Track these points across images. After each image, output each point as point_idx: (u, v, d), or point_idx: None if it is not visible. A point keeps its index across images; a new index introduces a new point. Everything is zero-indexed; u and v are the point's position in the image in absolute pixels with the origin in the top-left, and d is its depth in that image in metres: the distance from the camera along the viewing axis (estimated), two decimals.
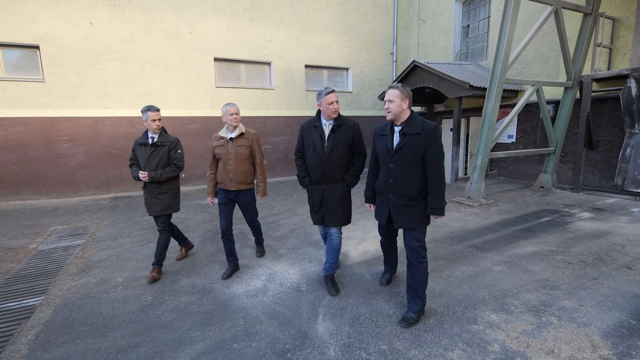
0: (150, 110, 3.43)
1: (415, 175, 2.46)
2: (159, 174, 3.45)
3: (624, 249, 3.82)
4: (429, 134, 2.39)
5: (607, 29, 6.33)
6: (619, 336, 2.33)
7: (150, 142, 3.50)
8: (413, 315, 2.53)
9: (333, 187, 2.98)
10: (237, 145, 3.38)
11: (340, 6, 10.06)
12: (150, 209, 3.54)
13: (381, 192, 2.68)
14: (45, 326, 2.78)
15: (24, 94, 7.27)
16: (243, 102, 9.23)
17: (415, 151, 2.41)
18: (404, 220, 2.54)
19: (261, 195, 3.53)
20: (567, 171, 7.21)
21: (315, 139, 2.95)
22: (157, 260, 3.56)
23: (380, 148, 2.63)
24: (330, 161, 2.91)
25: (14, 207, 7.13)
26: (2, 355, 2.42)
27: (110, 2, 7.65)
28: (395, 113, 2.45)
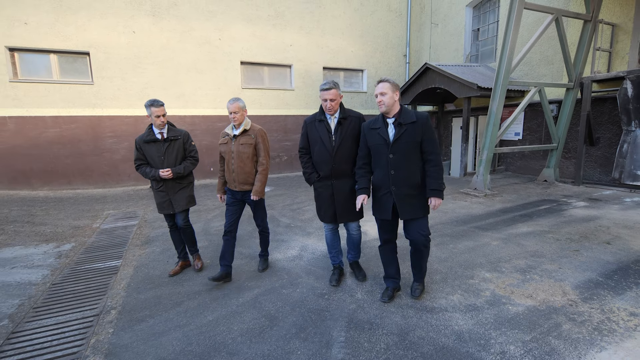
0: (153, 105, 3.21)
1: (417, 163, 2.53)
2: (182, 169, 3.35)
3: (608, 229, 4.39)
4: (424, 122, 2.50)
5: (606, 34, 6.83)
6: (586, 288, 2.95)
7: (161, 137, 3.32)
8: (417, 285, 2.89)
9: (343, 182, 2.91)
10: (239, 143, 3.20)
11: (356, 12, 10.71)
12: (177, 204, 3.43)
13: (381, 185, 2.64)
14: (131, 279, 3.56)
15: (75, 95, 8.19)
16: (266, 101, 9.99)
17: (414, 139, 2.48)
18: (409, 211, 2.55)
19: (255, 195, 3.19)
20: (569, 166, 7.72)
21: (321, 133, 2.87)
22: (193, 249, 3.71)
23: (374, 141, 2.61)
24: (339, 154, 2.84)
25: (68, 195, 8.06)
26: (107, 295, 3.21)
27: (150, 12, 8.50)
28: (388, 105, 2.50)
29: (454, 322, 2.52)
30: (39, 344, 2.49)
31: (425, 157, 2.53)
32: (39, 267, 3.99)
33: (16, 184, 8.04)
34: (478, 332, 2.39)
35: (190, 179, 3.54)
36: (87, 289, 3.36)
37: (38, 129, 8.01)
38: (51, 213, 6.52)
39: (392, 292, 2.87)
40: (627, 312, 2.56)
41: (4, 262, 4.13)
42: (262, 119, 9.99)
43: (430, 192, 2.51)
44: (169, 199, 3.41)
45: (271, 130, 10.16)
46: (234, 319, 2.70)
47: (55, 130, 8.13)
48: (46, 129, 8.07)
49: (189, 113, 9.23)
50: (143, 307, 2.97)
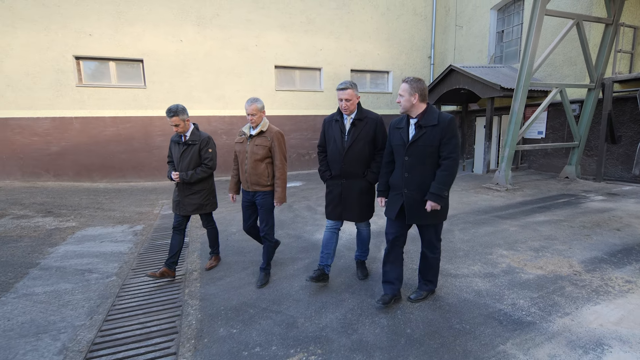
0: (167, 115, 3.24)
1: (432, 168, 2.45)
2: (189, 175, 3.33)
3: (620, 219, 4.79)
4: (446, 126, 2.39)
5: (628, 36, 7.08)
6: (591, 262, 3.44)
7: (183, 140, 3.38)
8: (422, 293, 2.80)
9: (353, 183, 2.93)
10: (254, 143, 3.18)
11: (383, 16, 11.25)
12: (182, 208, 3.44)
13: (395, 186, 2.63)
14: (201, 250, 4.31)
15: (130, 98, 9.19)
16: (297, 102, 10.71)
17: (432, 143, 2.40)
18: (418, 216, 2.50)
19: (278, 202, 3.21)
20: (592, 164, 7.98)
21: (335, 133, 2.90)
22: (214, 249, 3.77)
23: (395, 141, 2.59)
24: (349, 156, 2.86)
25: (123, 187, 9.06)
26: (186, 261, 3.96)
27: (195, 22, 9.39)
28: (404, 107, 2.46)
29: (474, 284, 3.09)
30: (146, 292, 3.25)
31: (440, 162, 2.44)
32: (122, 241, 4.83)
33: (79, 177, 9.12)
34: (494, 291, 2.95)
35: (204, 186, 3.47)
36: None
37: (98, 128, 9.06)
38: (114, 201, 7.47)
39: (388, 299, 2.69)
40: (624, 280, 3.05)
41: (93, 237, 5.01)
42: (294, 118, 10.71)
43: (429, 194, 2.44)
44: (179, 200, 3.45)
45: (301, 129, 10.87)
46: (292, 280, 3.37)
47: (113, 129, 9.15)
48: (105, 128, 9.10)
49: (228, 113, 10.07)
50: (217, 270, 3.70)
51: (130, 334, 2.60)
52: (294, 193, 7.83)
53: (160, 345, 2.44)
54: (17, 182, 8.66)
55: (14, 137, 8.51)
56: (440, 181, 2.41)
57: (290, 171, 10.85)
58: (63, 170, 8.95)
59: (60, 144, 8.82)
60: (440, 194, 2.41)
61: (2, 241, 4.76)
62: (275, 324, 2.63)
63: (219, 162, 7.60)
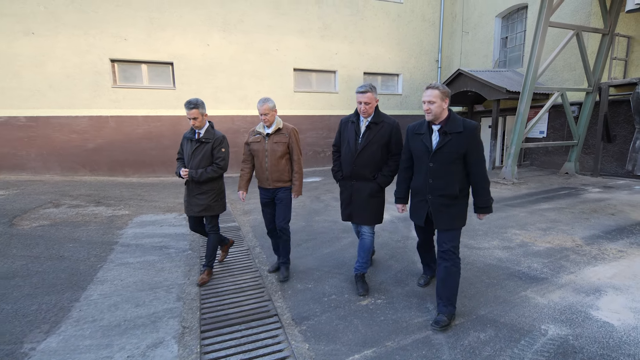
0: (187, 107, 3.16)
1: (457, 174, 2.45)
2: (198, 174, 3.24)
3: (615, 206, 5.51)
4: (471, 133, 2.39)
5: (622, 45, 7.81)
6: (590, 238, 4.15)
7: (196, 137, 3.30)
8: (445, 318, 2.49)
9: (363, 185, 2.94)
10: (273, 141, 3.24)
11: (394, 22, 11.95)
12: (189, 208, 3.38)
13: (418, 192, 2.63)
14: (254, 232, 4.99)
15: (161, 98, 9.83)
16: (314, 103, 11.39)
17: (458, 150, 2.39)
18: (444, 221, 2.51)
19: (295, 194, 3.33)
20: (588, 160, 8.71)
21: (350, 134, 2.93)
22: (208, 261, 3.45)
23: (417, 147, 2.57)
24: (361, 158, 2.87)
25: (154, 181, 9.70)
26: (245, 240, 4.63)
27: (221, 28, 10.04)
28: (436, 114, 2.42)
29: (495, 254, 3.79)
30: (223, 262, 3.92)
31: (469, 169, 2.46)
32: (180, 225, 5.49)
33: (113, 172, 9.75)
34: (512, 258, 3.66)
35: (212, 187, 3.36)
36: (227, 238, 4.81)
37: (132, 126, 9.69)
38: (152, 194, 8.11)
39: (428, 279, 3.12)
40: (616, 250, 3.76)
41: (152, 222, 5.66)
42: (310, 118, 11.39)
43: (478, 209, 2.52)
44: (187, 200, 3.39)
45: (317, 128, 11.55)
46: (343, 252, 4.06)
47: (145, 128, 9.79)
48: (138, 126, 9.74)
49: (250, 113, 10.72)
50: None
51: (225, 288, 3.27)
52: (317, 187, 8.51)
53: (254, 295, 3.12)
54: (57, 177, 9.28)
55: (54, 134, 9.13)
56: (482, 192, 2.47)
57: (307, 168, 11.52)
58: (98, 166, 9.57)
59: (97, 141, 9.45)
60: (487, 205, 2.49)
61: (73, 225, 5.41)
62: (342, 281, 3.32)
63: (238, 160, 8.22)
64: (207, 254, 3.46)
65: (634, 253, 3.68)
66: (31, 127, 8.97)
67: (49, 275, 3.57)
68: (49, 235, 4.88)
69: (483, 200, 2.48)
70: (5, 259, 4.00)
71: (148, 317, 2.78)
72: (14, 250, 4.29)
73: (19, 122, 8.88)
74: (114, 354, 2.33)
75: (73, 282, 3.41)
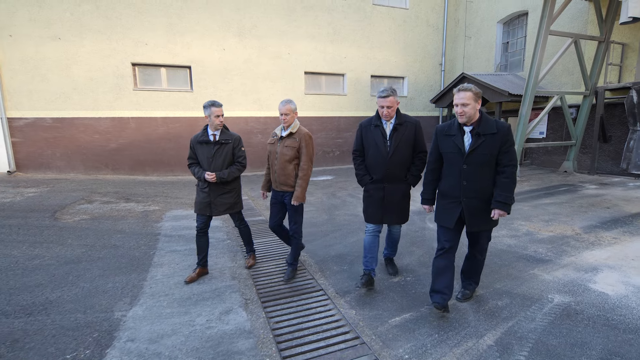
0: (214, 105, 3.25)
1: (490, 175, 2.47)
2: (226, 174, 3.32)
3: (610, 201, 6.02)
4: (505, 134, 2.39)
5: (617, 52, 8.34)
6: (588, 227, 4.65)
7: (212, 139, 3.34)
8: (468, 292, 2.89)
9: (395, 186, 3.01)
10: (284, 145, 3.28)
11: (399, 27, 12.46)
12: (215, 209, 3.41)
13: (449, 194, 2.60)
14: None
15: (179, 100, 10.28)
16: (323, 105, 11.87)
17: (491, 152, 2.39)
18: (479, 223, 2.53)
19: (295, 200, 3.26)
20: (586, 160, 9.24)
21: (377, 137, 2.96)
22: (250, 248, 3.85)
23: (447, 149, 2.56)
24: (393, 160, 2.94)
25: (173, 179, 10.15)
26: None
27: (236, 33, 10.51)
28: (470, 116, 2.40)
29: (505, 241, 4.28)
30: (261, 248, 4.40)
31: (499, 169, 2.47)
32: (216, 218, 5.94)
33: (134, 171, 10.19)
34: (519, 244, 4.15)
35: (234, 185, 3.50)
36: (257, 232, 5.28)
37: (151, 127, 10.14)
38: (175, 191, 8.56)
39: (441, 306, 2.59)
40: (611, 237, 4.27)
41: (184, 217, 6.12)
42: (320, 119, 11.87)
43: (496, 203, 2.45)
44: (209, 201, 3.39)
45: (327, 129, 12.04)
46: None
47: (164, 128, 10.24)
48: (157, 127, 10.19)
49: (263, 114, 11.20)
50: (306, 234, 4.85)
51: (271, 270, 3.74)
52: (330, 185, 8.98)
53: (298, 275, 3.59)
54: (81, 175, 9.72)
55: (78, 134, 9.57)
56: (506, 189, 2.43)
57: (317, 167, 12.00)
58: (120, 165, 10.01)
59: (118, 141, 9.89)
60: (507, 202, 2.44)
61: (113, 219, 5.87)
62: None
63: (251, 159, 8.65)
64: (245, 242, 3.82)
65: (626, 239, 4.19)
66: (57, 128, 9.40)
67: (110, 260, 4.03)
68: (94, 228, 5.34)
69: (504, 196, 2.43)
70: (65, 247, 4.45)
71: (212, 292, 3.25)
72: (69, 240, 4.75)
73: (46, 123, 9.31)
74: (194, 318, 2.80)
75: (135, 266, 3.87)
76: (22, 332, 2.60)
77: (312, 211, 6.20)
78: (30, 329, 2.64)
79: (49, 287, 3.33)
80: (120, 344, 2.47)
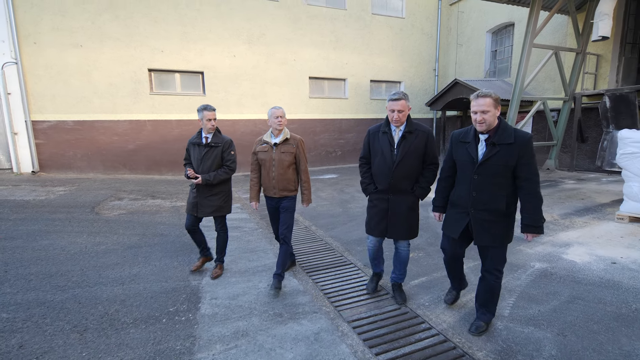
0: (206, 109, 3.36)
1: (504, 188, 2.28)
2: (212, 177, 3.37)
3: (585, 194, 6.96)
4: (525, 145, 2.20)
5: (592, 62, 9.34)
6: (564, 214, 5.55)
7: (204, 142, 3.44)
8: (483, 324, 2.54)
9: (400, 198, 2.81)
10: (280, 151, 3.31)
11: (397, 35, 13.33)
12: (201, 210, 3.49)
13: (458, 203, 2.49)
14: (306, 214, 6.21)
15: (192, 104, 10.93)
16: (326, 108, 12.66)
17: (507, 163, 2.21)
18: (486, 237, 2.35)
19: (306, 203, 3.49)
20: (566, 158, 10.23)
21: (383, 145, 2.78)
22: (220, 257, 3.74)
23: (461, 157, 2.43)
24: (399, 170, 2.74)
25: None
26: (300, 220, 5.86)
27: (246, 40, 11.21)
28: (489, 123, 2.24)
29: None
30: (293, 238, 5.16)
31: (519, 184, 2.26)
32: (238, 212, 6.67)
33: (150, 170, 10.81)
34: None
35: (223, 188, 3.54)
36: None
37: (167, 129, 10.77)
38: None
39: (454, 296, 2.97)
40: (583, 222, 5.17)
41: None
42: (323, 121, 12.65)
43: (526, 227, 2.28)
44: (196, 202, 3.49)
45: (329, 130, 12.83)
46: None
47: (178, 130, 10.88)
48: (172, 129, 10.82)
49: None
50: (327, 223, 5.64)
51: (304, 250, 4.51)
52: (337, 182, 9.77)
53: (328, 254, 4.37)
54: (101, 175, 10.29)
55: (98, 136, 10.14)
56: (532, 210, 2.24)
57: (320, 166, 12.79)
58: (137, 165, 10.62)
59: (136, 142, 10.49)
60: (537, 225, 2.25)
61: (149, 213, 6.54)
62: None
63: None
64: (218, 249, 3.71)
65: (594, 223, 5.09)
66: (78, 130, 9.96)
67: (166, 245, 4.74)
68: (136, 220, 6.01)
69: (532, 219, 2.25)
70: (120, 236, 5.14)
71: (263, 267, 4.00)
72: (120, 230, 5.43)
73: (67, 126, 9.87)
74: (257, 284, 3.55)
75: (189, 249, 4.58)
76: (124, 295, 3.32)
77: (327, 205, 6.99)
78: (129, 294, 3.36)
79: (126, 265, 4.04)
80: (207, 300, 3.22)
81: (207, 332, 2.69)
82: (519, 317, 2.82)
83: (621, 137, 5.14)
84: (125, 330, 2.72)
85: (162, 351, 2.46)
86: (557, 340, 2.52)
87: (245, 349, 2.48)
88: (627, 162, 5.03)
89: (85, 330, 2.71)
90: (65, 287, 3.46)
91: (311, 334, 2.66)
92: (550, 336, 2.57)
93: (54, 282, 3.55)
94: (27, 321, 2.83)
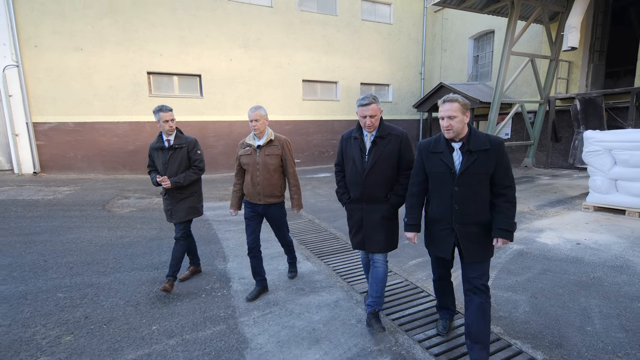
0: (162, 110, 3.18)
1: (485, 197, 2.18)
2: (181, 179, 3.24)
3: (558, 188, 7.74)
4: (499, 148, 2.13)
5: (564, 68, 10.21)
6: (539, 206, 6.27)
7: (167, 145, 3.28)
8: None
9: (374, 207, 2.62)
10: (265, 154, 3.08)
11: (385, 40, 13.99)
12: (175, 215, 3.35)
13: (439, 219, 2.30)
14: (308, 210, 6.73)
15: (190, 106, 11.28)
16: (319, 110, 13.21)
17: (487, 170, 2.12)
18: (478, 252, 2.21)
19: (297, 208, 3.28)
20: (542, 157, 11.10)
21: (354, 152, 2.63)
22: (172, 271, 3.32)
23: (435, 168, 2.26)
24: (370, 178, 2.57)
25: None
26: (303, 215, 6.38)
27: (242, 45, 11.63)
28: (457, 130, 2.13)
29: None
30: (308, 234, 5.67)
31: (496, 190, 2.18)
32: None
33: None
34: None
35: (193, 189, 3.44)
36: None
37: None
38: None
39: (447, 323, 2.65)
40: (554, 212, 5.89)
41: (218, 207, 7.24)
42: (316, 122, 13.19)
43: (498, 231, 2.15)
44: (170, 208, 3.36)
45: (322, 131, 13.37)
46: None
47: None
48: None
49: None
50: (329, 217, 6.17)
51: (313, 239, 5.04)
52: (331, 180, 10.32)
53: (334, 242, 4.91)
54: (101, 175, 10.52)
55: (99, 138, 10.37)
56: (507, 215, 2.15)
57: (314, 165, 13.32)
58: (137, 165, 10.89)
59: (135, 143, 10.76)
60: (511, 230, 2.15)
61: (159, 210, 6.89)
62: None
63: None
64: (171, 263, 3.32)
65: (564, 213, 5.81)
66: (78, 132, 10.17)
67: None
68: (149, 216, 6.40)
69: (509, 223, 2.15)
70: (139, 230, 5.53)
71: (278, 253, 4.48)
72: (138, 225, 5.82)
73: (68, 128, 10.07)
74: (277, 267, 4.05)
75: (208, 240, 5.04)
76: (162, 278, 3.74)
77: (325, 201, 7.53)
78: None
79: (154, 254, 4.47)
80: (236, 280, 3.71)
81: (243, 304, 3.19)
82: (499, 286, 3.43)
83: (586, 137, 5.87)
84: (173, 303, 3.19)
85: (210, 317, 2.95)
86: (530, 301, 3.14)
87: (279, 314, 3.00)
88: (591, 159, 5.77)
89: (138, 304, 3.16)
90: (105, 272, 3.88)
91: (331, 302, 3.19)
92: (525, 298, 3.18)
93: (94, 269, 3.96)
94: (83, 298, 3.26)
